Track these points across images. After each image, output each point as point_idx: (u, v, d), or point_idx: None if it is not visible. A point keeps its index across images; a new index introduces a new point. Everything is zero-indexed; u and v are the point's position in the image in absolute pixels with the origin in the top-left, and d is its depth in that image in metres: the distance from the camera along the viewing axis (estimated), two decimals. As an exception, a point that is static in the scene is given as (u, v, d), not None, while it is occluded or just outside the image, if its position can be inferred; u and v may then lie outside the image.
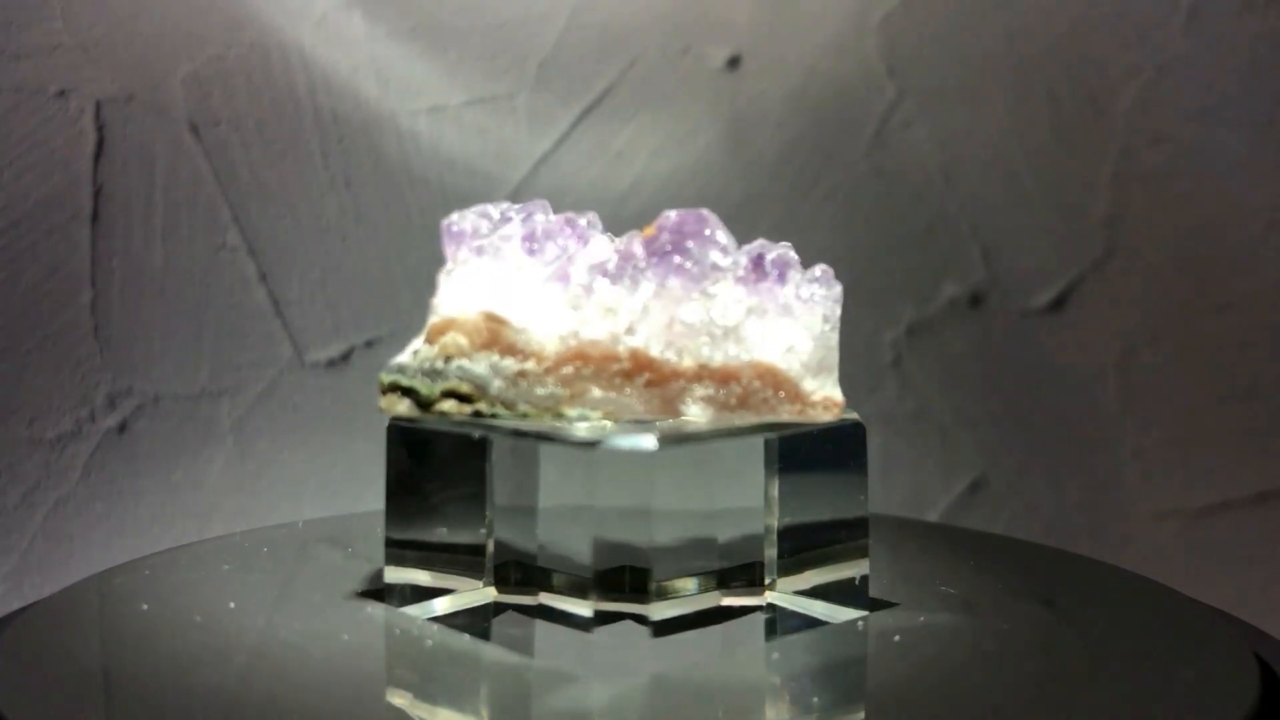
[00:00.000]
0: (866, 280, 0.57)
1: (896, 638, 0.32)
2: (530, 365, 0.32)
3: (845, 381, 0.34)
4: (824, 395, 0.32)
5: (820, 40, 0.56)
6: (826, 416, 0.33)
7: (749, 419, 0.32)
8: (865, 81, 0.57)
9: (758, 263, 0.32)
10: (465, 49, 0.55)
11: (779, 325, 0.32)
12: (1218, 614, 0.36)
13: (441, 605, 0.34)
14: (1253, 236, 0.57)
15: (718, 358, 0.31)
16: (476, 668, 0.30)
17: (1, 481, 0.51)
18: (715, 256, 0.32)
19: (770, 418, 0.32)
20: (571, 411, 0.32)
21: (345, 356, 0.54)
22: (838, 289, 0.33)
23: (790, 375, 0.32)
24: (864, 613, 0.34)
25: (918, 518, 0.56)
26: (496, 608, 0.33)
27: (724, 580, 0.33)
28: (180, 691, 0.28)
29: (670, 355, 0.32)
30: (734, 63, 0.56)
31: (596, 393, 0.32)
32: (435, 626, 0.33)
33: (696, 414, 0.32)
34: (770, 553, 0.33)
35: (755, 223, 0.54)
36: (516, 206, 0.35)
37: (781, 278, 0.32)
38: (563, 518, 0.32)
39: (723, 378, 0.32)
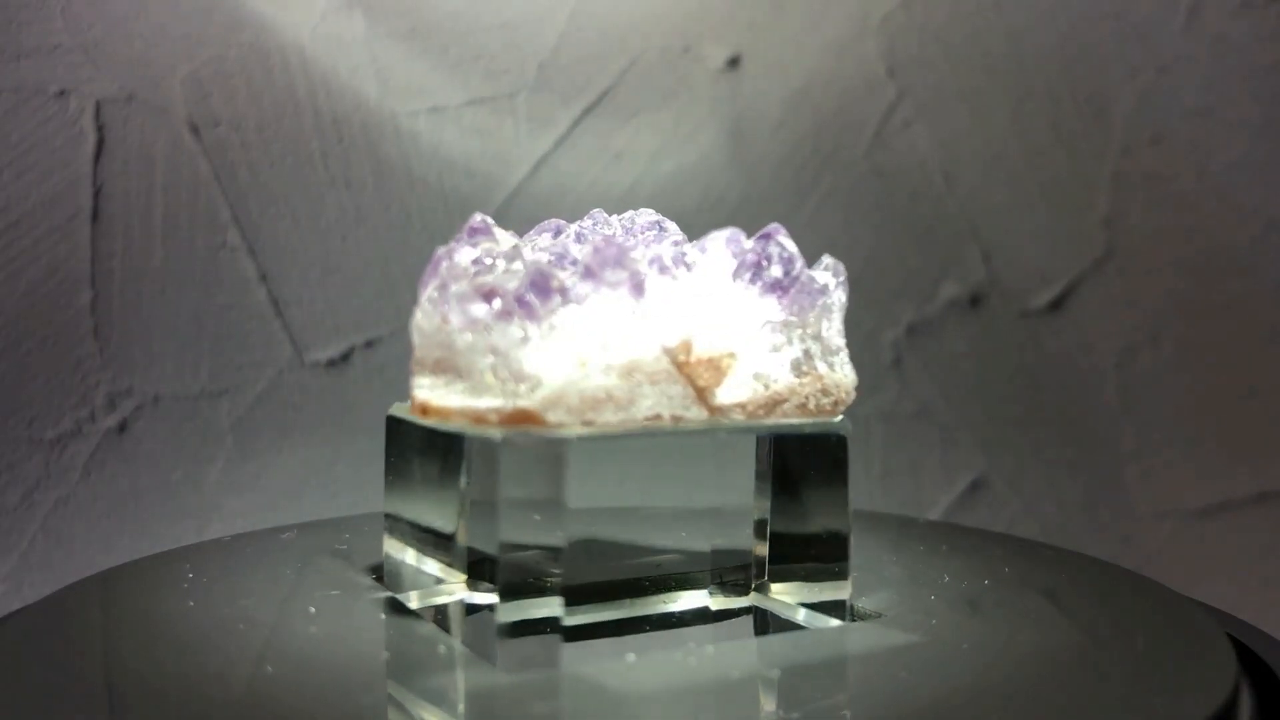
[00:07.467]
0: (866, 280, 0.57)
1: (903, 635, 0.32)
2: None
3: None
4: (422, 399, 0.33)
5: (820, 40, 0.56)
6: (425, 422, 0.33)
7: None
8: (865, 81, 0.57)
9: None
10: (465, 49, 0.55)
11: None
12: (1208, 610, 0.36)
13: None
14: (1253, 236, 0.57)
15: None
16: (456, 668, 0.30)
17: (1, 481, 0.51)
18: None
19: None
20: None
21: (345, 356, 0.54)
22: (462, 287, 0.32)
23: None
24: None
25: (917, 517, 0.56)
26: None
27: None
28: (181, 692, 0.28)
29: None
30: (734, 63, 0.56)
31: None
32: (435, 626, 0.33)
33: None
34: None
35: (755, 223, 0.54)
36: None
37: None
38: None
39: None
